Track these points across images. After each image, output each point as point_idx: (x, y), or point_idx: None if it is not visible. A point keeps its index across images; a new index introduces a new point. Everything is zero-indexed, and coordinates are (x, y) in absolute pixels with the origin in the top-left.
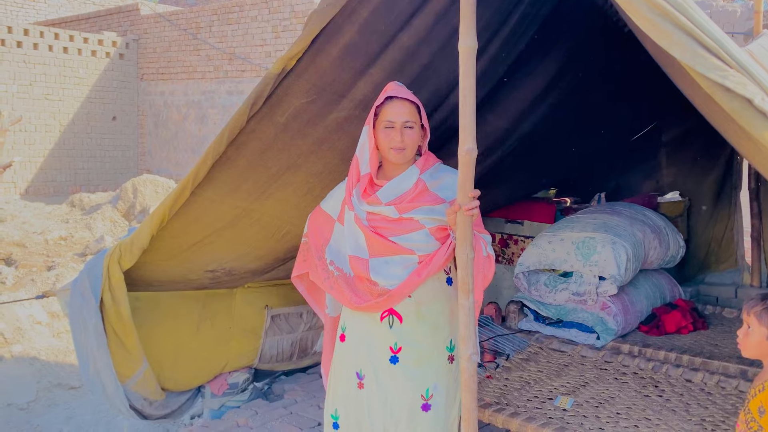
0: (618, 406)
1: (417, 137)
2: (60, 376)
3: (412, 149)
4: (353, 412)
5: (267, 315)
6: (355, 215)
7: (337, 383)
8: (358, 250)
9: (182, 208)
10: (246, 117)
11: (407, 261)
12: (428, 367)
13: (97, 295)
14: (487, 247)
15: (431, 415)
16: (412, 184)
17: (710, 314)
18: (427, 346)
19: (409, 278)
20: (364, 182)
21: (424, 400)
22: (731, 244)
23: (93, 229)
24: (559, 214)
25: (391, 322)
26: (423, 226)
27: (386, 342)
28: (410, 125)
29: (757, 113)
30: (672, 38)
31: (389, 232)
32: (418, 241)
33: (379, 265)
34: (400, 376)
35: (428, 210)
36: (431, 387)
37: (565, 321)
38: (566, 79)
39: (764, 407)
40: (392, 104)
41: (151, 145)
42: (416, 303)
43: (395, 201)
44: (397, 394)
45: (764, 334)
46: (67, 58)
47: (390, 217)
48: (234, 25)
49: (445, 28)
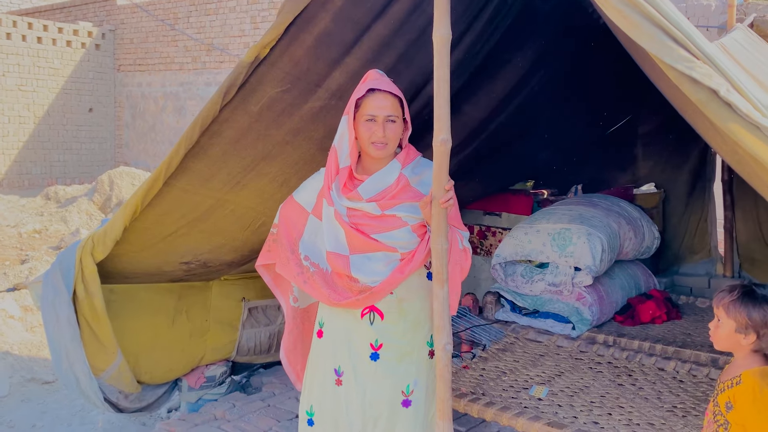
0: (592, 394)
1: (399, 131)
2: (34, 371)
3: (394, 144)
4: (330, 409)
5: (244, 307)
6: (335, 211)
7: (313, 379)
8: (338, 246)
9: (155, 199)
10: (219, 106)
11: (389, 258)
12: (409, 363)
13: (70, 287)
14: (464, 241)
15: (411, 410)
16: (394, 179)
17: (684, 304)
18: (408, 343)
19: (392, 275)
20: (344, 176)
21: (404, 396)
22: (705, 235)
23: (68, 222)
24: (537, 205)
25: (372, 319)
26: (406, 224)
27: (367, 339)
28: (392, 119)
29: (723, 104)
30: (641, 29)
31: (371, 229)
32: (401, 239)
33: (360, 261)
34: (381, 373)
35: (410, 207)
36: (412, 383)
37: (542, 311)
38: (542, 71)
39: (732, 403)
40: (374, 97)
41: (128, 137)
42: (398, 300)
43: (377, 197)
44: (377, 390)
45: (732, 327)
46: (41, 48)
47: (372, 213)
48: (212, 15)
49: (420, 18)
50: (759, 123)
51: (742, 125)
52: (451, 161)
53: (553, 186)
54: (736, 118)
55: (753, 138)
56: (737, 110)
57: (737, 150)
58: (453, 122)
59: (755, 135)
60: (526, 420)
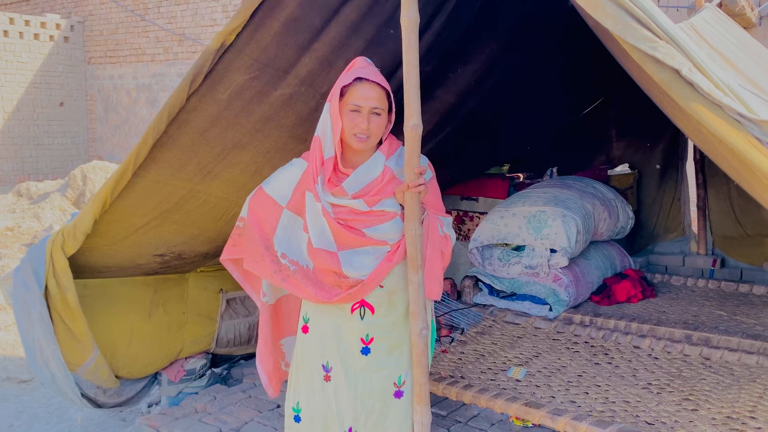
0: (569, 374)
1: (383, 125)
2: (9, 370)
3: (376, 138)
4: (319, 405)
5: (222, 299)
6: (322, 207)
7: (300, 375)
8: (325, 242)
9: (125, 191)
10: (186, 94)
11: (378, 251)
12: (400, 355)
13: (41, 283)
14: (445, 228)
15: (403, 401)
16: (379, 173)
17: (659, 282)
18: (399, 334)
19: (380, 265)
20: (329, 168)
21: (396, 388)
22: (678, 214)
23: (41, 219)
24: (513, 189)
25: (363, 314)
26: (395, 214)
27: (357, 334)
28: (378, 112)
29: (685, 84)
30: (604, 10)
31: (359, 224)
32: (390, 231)
33: (350, 256)
34: (372, 366)
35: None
36: (404, 374)
37: (519, 294)
38: (513, 54)
39: None
40: (361, 87)
41: (101, 131)
42: (388, 293)
43: (362, 192)
44: (369, 383)
45: None
46: (7, 41)
47: (359, 210)
48: (183, 5)
49: (389, 1)
50: (720, 102)
51: (704, 104)
52: (426, 146)
53: (529, 169)
54: (698, 97)
55: (714, 116)
56: (699, 89)
57: (701, 129)
58: (426, 107)
59: (716, 113)
60: (504, 401)
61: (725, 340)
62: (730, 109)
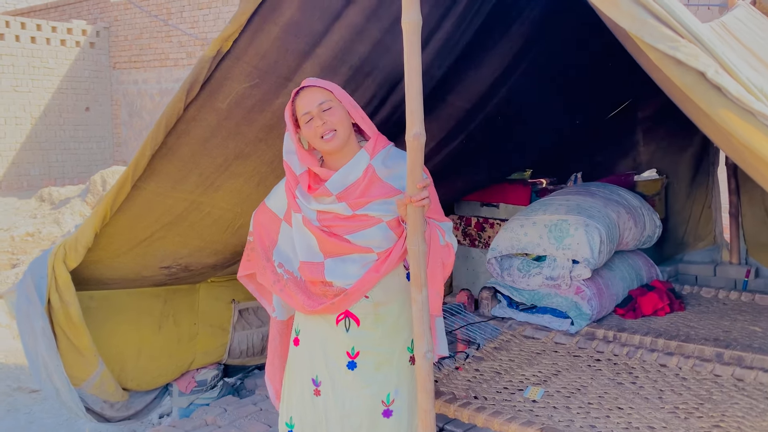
0: (590, 395)
1: (342, 115)
2: (20, 380)
3: (344, 128)
4: (309, 420)
5: (234, 309)
6: (303, 217)
7: (292, 390)
8: (311, 254)
9: (126, 203)
10: (183, 104)
11: (365, 259)
12: (389, 371)
13: (43, 297)
14: (446, 236)
15: (393, 421)
16: (362, 171)
17: (688, 294)
18: (387, 350)
19: (366, 275)
20: (305, 179)
21: (385, 406)
22: (709, 222)
23: (61, 224)
24: (535, 195)
25: (348, 326)
26: (380, 220)
27: (343, 347)
28: (327, 106)
29: (711, 87)
30: (620, 7)
31: (344, 230)
32: (375, 237)
33: (335, 264)
34: (359, 383)
35: (382, 203)
36: (392, 392)
37: (539, 306)
38: (531, 56)
39: None
40: (301, 97)
41: (126, 136)
42: (374, 304)
43: (345, 194)
44: (355, 401)
45: None
46: (35, 48)
47: (343, 214)
48: (205, 9)
49: (396, 2)
50: (752, 108)
51: (733, 110)
52: (441, 153)
53: (552, 175)
54: (726, 103)
55: (745, 124)
56: (727, 94)
57: (730, 138)
58: (438, 114)
59: (747, 121)
60: (519, 425)
61: (760, 360)
62: (763, 116)
